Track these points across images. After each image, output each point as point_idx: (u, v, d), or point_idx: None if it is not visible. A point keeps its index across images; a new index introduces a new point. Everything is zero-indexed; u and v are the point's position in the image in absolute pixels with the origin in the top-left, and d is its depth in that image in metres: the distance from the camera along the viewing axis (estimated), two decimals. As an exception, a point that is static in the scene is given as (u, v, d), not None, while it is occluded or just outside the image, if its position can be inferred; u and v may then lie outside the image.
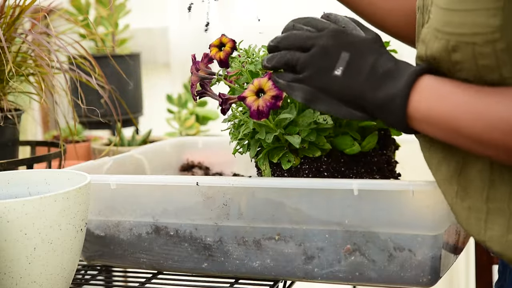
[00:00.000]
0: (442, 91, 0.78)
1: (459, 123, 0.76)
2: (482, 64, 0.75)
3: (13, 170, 1.09)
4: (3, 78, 1.21)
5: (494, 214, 0.78)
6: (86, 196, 0.96)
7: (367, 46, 0.84)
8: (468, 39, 0.74)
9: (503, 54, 0.73)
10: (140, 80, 2.04)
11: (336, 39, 0.84)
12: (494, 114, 0.74)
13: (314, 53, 0.83)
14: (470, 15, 0.74)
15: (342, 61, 0.82)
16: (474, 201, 0.79)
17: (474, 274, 1.53)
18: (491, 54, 0.74)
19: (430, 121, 0.78)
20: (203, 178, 1.01)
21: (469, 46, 0.75)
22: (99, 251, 1.10)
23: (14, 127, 1.22)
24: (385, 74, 0.81)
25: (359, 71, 0.81)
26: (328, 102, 0.84)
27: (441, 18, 0.77)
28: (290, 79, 0.86)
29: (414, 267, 0.93)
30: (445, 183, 0.83)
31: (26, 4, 1.19)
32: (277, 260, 1.00)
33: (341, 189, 0.94)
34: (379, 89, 0.80)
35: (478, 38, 0.74)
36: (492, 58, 0.74)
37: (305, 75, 0.84)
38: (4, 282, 0.90)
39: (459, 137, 0.77)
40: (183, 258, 1.05)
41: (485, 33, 0.73)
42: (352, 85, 0.82)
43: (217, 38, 1.02)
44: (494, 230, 0.78)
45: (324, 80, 0.83)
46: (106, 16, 1.98)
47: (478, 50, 0.74)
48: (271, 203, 0.98)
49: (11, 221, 0.88)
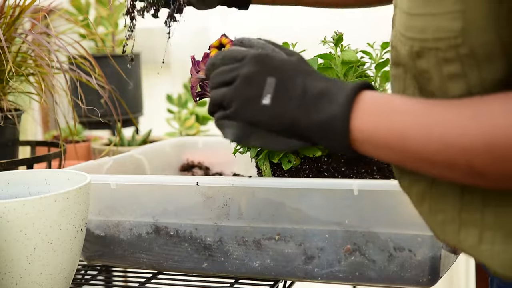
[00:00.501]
0: (386, 107, 0.72)
1: (409, 142, 0.70)
2: (448, 73, 0.71)
3: (13, 170, 1.09)
4: (3, 78, 1.21)
5: (467, 225, 0.74)
6: (86, 196, 0.96)
7: (293, 67, 0.77)
8: (431, 45, 0.71)
9: (468, 59, 0.70)
10: (140, 80, 2.05)
11: (258, 65, 0.77)
12: (451, 130, 0.68)
13: (237, 85, 0.77)
14: (432, 20, 0.71)
15: (269, 87, 0.75)
16: (447, 214, 0.75)
17: (474, 274, 1.53)
18: (456, 59, 0.70)
19: (377, 141, 0.71)
20: (203, 178, 1.01)
21: (432, 51, 0.71)
22: (99, 251, 1.10)
23: (14, 127, 1.22)
24: (318, 95, 0.73)
25: (289, 96, 0.75)
26: (261, 135, 0.78)
27: (404, 22, 0.73)
28: (220, 116, 0.79)
29: (414, 267, 0.93)
30: (418, 202, 0.78)
31: (26, 4, 1.19)
32: (277, 260, 1.00)
33: (341, 189, 0.94)
34: (314, 113, 0.73)
35: (441, 43, 0.70)
36: (457, 65, 0.70)
37: (232, 110, 0.77)
38: (4, 282, 0.90)
39: (410, 158, 0.71)
40: (183, 258, 1.05)
41: (447, 37, 0.70)
42: (284, 113, 0.75)
43: (217, 39, 1.01)
44: (468, 241, 0.74)
45: (253, 111, 0.76)
46: (106, 16, 1.98)
47: (441, 55, 0.70)
48: (271, 203, 0.98)
49: (11, 221, 0.88)
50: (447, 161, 0.69)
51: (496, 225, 0.73)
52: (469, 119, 0.68)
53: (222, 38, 1.01)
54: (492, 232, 0.72)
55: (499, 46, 0.70)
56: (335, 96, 0.73)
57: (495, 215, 0.73)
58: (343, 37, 1.01)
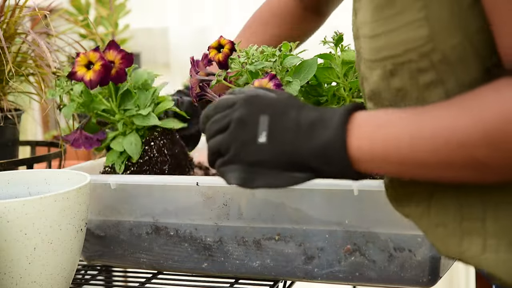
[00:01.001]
0: (377, 122, 0.72)
1: (404, 150, 0.70)
2: (424, 82, 0.71)
3: (13, 170, 1.09)
4: (3, 78, 1.21)
5: (470, 234, 0.74)
6: (86, 196, 0.96)
7: (284, 103, 0.77)
8: (403, 59, 0.71)
9: (442, 66, 0.70)
10: (140, 80, 2.04)
11: (250, 106, 0.77)
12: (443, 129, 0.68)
13: (232, 129, 0.77)
14: (397, 34, 0.71)
15: (262, 125, 0.76)
16: (448, 227, 0.75)
17: (474, 274, 1.53)
18: (430, 67, 0.71)
19: (375, 156, 0.72)
20: (203, 178, 1.01)
21: (405, 66, 0.71)
22: (99, 251, 1.10)
23: (14, 127, 1.22)
24: (312, 124, 0.74)
25: (284, 130, 0.75)
26: (264, 174, 0.76)
27: (371, 47, 0.74)
28: (220, 164, 0.79)
29: (414, 267, 0.93)
30: (418, 219, 0.77)
31: (26, 5, 1.19)
32: (277, 260, 1.00)
33: (341, 189, 0.94)
34: (311, 141, 0.74)
35: (412, 54, 0.71)
36: (432, 73, 0.71)
37: (231, 154, 0.77)
38: (4, 282, 0.90)
39: (409, 167, 0.71)
40: (183, 258, 1.05)
41: (417, 46, 0.70)
42: (282, 147, 0.75)
43: (216, 40, 1.02)
44: (471, 251, 0.73)
45: (251, 152, 0.76)
46: (106, 16, 1.98)
47: (415, 67, 0.71)
48: (271, 203, 0.98)
49: (11, 221, 0.88)
50: (447, 160, 0.69)
51: (500, 233, 0.72)
52: (460, 113, 0.68)
53: (220, 39, 1.02)
54: (496, 240, 0.72)
55: (469, 46, 0.70)
56: (329, 122, 0.73)
57: (496, 222, 0.72)
58: (343, 37, 1.01)
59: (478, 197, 0.73)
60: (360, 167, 0.73)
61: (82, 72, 1.03)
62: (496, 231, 0.72)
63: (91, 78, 1.02)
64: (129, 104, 1.09)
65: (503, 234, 0.72)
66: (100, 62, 1.03)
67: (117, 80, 1.06)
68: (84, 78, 1.03)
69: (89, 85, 1.03)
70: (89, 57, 1.03)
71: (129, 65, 1.06)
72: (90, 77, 1.03)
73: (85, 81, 1.03)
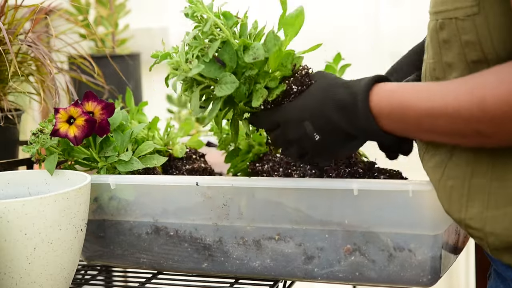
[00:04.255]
0: (396, 88, 0.84)
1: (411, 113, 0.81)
2: (465, 40, 0.79)
3: (13, 170, 1.10)
4: (3, 78, 1.21)
5: (475, 190, 0.82)
6: (86, 196, 0.96)
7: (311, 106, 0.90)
8: (451, 15, 0.80)
9: (482, 29, 0.78)
10: (140, 80, 2.04)
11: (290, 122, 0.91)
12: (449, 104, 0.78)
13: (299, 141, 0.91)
14: None
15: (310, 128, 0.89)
16: (457, 181, 0.83)
17: (474, 274, 1.53)
18: (472, 28, 0.79)
19: (392, 115, 0.83)
20: (203, 178, 1.01)
21: (452, 21, 0.80)
22: (99, 251, 1.10)
23: (14, 127, 1.22)
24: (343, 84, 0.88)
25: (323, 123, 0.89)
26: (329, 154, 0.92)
27: (432, 0, 0.84)
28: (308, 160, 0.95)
29: (414, 267, 0.93)
30: (435, 171, 0.86)
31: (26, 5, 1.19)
32: (277, 260, 1.00)
33: (341, 189, 0.94)
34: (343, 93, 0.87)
35: (459, 12, 0.79)
36: (473, 33, 0.79)
37: (309, 155, 0.93)
38: (4, 282, 0.90)
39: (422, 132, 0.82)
40: (183, 258, 1.05)
41: (464, 7, 0.79)
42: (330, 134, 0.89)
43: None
44: (474, 207, 0.81)
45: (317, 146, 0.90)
46: (106, 16, 1.98)
47: (460, 24, 0.79)
48: (271, 203, 0.98)
49: (11, 221, 0.88)
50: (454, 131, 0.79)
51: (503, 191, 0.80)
52: (462, 91, 0.77)
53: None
54: (495, 197, 0.80)
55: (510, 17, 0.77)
56: (357, 86, 0.86)
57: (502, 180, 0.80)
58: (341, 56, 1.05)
59: (488, 157, 0.81)
60: (380, 122, 0.84)
61: (65, 129, 1.02)
62: (499, 187, 0.80)
63: (75, 134, 1.02)
64: (108, 150, 1.07)
65: (505, 191, 0.80)
66: (83, 118, 1.02)
67: (101, 133, 1.05)
68: (68, 135, 1.02)
69: (74, 142, 1.02)
70: (70, 113, 1.02)
71: (110, 115, 1.05)
72: (74, 133, 1.02)
73: (70, 137, 1.02)
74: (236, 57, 0.91)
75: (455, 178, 0.83)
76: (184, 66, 0.89)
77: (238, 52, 0.91)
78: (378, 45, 1.92)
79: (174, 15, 2.19)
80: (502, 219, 0.80)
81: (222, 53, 0.91)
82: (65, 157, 1.08)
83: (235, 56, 0.91)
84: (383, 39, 1.93)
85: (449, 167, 0.84)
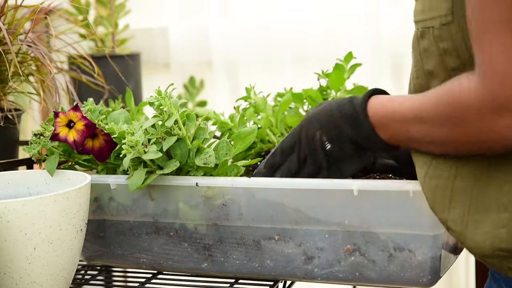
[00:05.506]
0: (389, 99, 0.89)
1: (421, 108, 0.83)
2: (443, 48, 0.82)
3: (13, 170, 1.10)
4: (3, 78, 1.21)
5: (458, 192, 0.82)
6: (86, 196, 0.96)
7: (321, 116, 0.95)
8: (429, 24, 0.83)
9: (457, 37, 0.80)
10: (140, 80, 2.04)
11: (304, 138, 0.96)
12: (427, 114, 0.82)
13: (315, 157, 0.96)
14: (429, 1, 0.82)
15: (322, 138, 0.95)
16: (440, 180, 0.85)
17: (474, 274, 1.53)
18: (448, 37, 0.81)
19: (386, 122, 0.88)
20: (203, 178, 1.01)
21: (430, 30, 0.83)
22: (99, 251, 1.10)
23: (14, 127, 1.22)
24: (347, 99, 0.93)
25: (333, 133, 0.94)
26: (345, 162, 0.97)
27: (414, 10, 0.86)
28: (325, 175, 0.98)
29: (414, 267, 0.93)
30: (421, 168, 0.88)
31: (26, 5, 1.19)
32: (277, 260, 1.00)
33: (341, 189, 0.94)
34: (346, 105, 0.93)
35: (435, 21, 0.82)
36: (449, 41, 0.81)
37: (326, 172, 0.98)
38: (4, 282, 0.90)
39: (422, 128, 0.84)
40: (183, 258, 1.05)
41: (440, 16, 0.81)
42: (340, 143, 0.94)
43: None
44: (457, 208, 0.82)
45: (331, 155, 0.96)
46: (106, 16, 1.98)
47: (436, 33, 0.82)
48: (271, 204, 0.98)
49: (11, 221, 0.88)
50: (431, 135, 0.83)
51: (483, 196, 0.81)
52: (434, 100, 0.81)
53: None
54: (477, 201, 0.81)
55: None
56: (358, 99, 0.92)
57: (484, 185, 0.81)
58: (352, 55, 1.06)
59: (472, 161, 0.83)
60: (381, 132, 0.89)
61: (65, 133, 1.02)
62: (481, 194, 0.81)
63: (75, 138, 1.02)
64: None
65: (487, 197, 0.81)
66: (83, 122, 1.02)
67: (100, 159, 1.05)
68: (67, 139, 1.02)
69: (74, 146, 1.02)
70: (70, 117, 1.02)
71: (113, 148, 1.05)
72: (73, 137, 1.02)
73: (69, 142, 1.02)
74: (187, 156, 1.00)
75: (438, 178, 0.85)
76: (140, 147, 0.97)
77: (190, 152, 1.00)
78: (378, 45, 1.92)
79: (174, 15, 2.19)
80: (482, 225, 0.80)
81: (175, 147, 1.00)
82: (66, 158, 1.08)
83: (186, 154, 1.00)
84: (383, 39, 1.93)
85: (433, 167, 0.86)
